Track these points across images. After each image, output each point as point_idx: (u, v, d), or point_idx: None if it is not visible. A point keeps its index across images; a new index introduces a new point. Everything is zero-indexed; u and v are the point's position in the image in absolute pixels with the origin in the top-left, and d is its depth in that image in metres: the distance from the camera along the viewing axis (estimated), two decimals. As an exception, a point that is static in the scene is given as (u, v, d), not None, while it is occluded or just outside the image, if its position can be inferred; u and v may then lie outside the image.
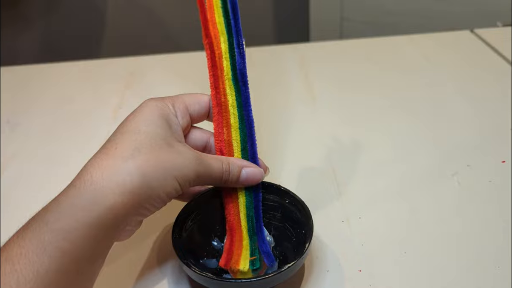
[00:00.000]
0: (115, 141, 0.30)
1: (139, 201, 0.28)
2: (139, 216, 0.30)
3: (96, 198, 0.27)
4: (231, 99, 0.35)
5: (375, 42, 0.74)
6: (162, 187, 0.29)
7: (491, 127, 0.50)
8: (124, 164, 0.28)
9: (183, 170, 0.30)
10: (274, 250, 0.35)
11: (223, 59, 0.35)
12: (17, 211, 0.43)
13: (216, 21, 0.35)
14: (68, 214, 0.26)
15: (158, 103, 0.33)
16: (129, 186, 0.27)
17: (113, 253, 0.37)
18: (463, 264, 0.35)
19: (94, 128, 0.55)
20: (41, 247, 0.25)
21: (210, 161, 0.32)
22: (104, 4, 1.40)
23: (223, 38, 0.35)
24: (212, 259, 0.35)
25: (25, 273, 0.24)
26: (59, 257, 0.25)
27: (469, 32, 0.72)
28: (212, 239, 0.36)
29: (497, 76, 0.60)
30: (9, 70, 0.71)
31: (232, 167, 0.33)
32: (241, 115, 0.35)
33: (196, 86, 0.62)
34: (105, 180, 0.27)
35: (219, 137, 0.35)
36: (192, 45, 1.43)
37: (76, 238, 0.26)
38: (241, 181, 0.34)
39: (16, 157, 0.51)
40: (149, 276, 0.35)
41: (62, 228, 0.26)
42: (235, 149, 0.35)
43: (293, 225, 0.35)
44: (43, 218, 0.26)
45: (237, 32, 0.35)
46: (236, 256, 0.33)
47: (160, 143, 0.30)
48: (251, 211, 0.35)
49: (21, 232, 0.26)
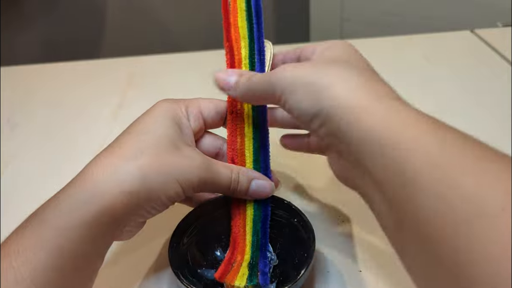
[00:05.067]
0: (121, 140, 0.30)
1: (138, 202, 0.28)
2: (139, 217, 0.29)
3: (94, 196, 0.26)
4: (247, 108, 0.34)
5: (375, 42, 0.74)
6: (163, 190, 0.28)
7: (491, 127, 0.50)
8: (125, 164, 0.28)
9: (187, 174, 0.29)
10: (276, 269, 0.33)
11: (242, 65, 0.34)
12: (17, 211, 0.43)
13: (238, 24, 0.35)
14: (66, 211, 0.26)
15: (171, 105, 0.32)
16: (128, 186, 0.27)
17: (116, 254, 0.37)
18: (463, 264, 0.35)
19: (94, 128, 0.55)
20: (38, 245, 0.25)
21: (218, 168, 0.31)
22: (104, 4, 1.40)
23: (244, 43, 0.35)
24: (211, 270, 0.33)
25: (22, 270, 0.24)
26: (56, 255, 0.25)
27: (469, 32, 0.72)
28: (216, 249, 0.35)
29: (497, 76, 0.60)
30: (9, 70, 0.71)
31: (242, 177, 0.32)
32: (257, 124, 0.34)
33: (196, 86, 0.62)
34: (105, 179, 0.27)
35: (232, 145, 0.34)
36: (192, 45, 1.43)
37: (74, 236, 0.26)
38: (250, 193, 0.32)
39: (16, 157, 0.51)
40: (150, 279, 0.35)
41: (60, 225, 0.26)
42: (247, 159, 0.34)
43: (298, 246, 0.33)
44: (42, 215, 0.26)
45: (259, 37, 0.34)
46: (233, 271, 0.32)
47: (166, 145, 0.29)
48: (258, 225, 0.33)
49: (20, 229, 0.26)
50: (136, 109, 0.32)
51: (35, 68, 0.71)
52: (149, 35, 1.46)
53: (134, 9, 1.41)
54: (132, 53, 0.75)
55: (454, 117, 0.52)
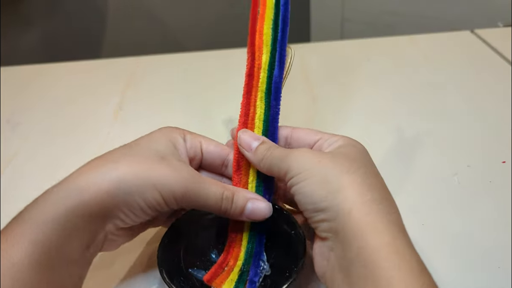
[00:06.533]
0: (112, 150, 0.31)
1: (114, 203, 0.28)
2: (118, 220, 0.29)
3: (71, 193, 0.27)
4: (259, 112, 0.35)
5: (376, 42, 0.74)
6: (140, 195, 0.28)
7: (491, 127, 0.50)
8: (105, 166, 0.28)
9: (168, 182, 0.29)
10: (267, 279, 0.32)
11: (261, 70, 0.35)
12: (17, 211, 0.43)
13: (263, 32, 0.36)
14: (42, 206, 0.27)
15: (171, 129, 0.33)
16: (105, 186, 0.27)
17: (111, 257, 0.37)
18: (463, 264, 0.35)
19: (94, 128, 0.55)
20: (16, 240, 0.25)
21: (208, 185, 0.30)
22: (104, 4, 1.40)
23: (266, 50, 0.35)
24: (203, 271, 0.33)
25: (3, 264, 0.25)
26: (31, 249, 0.25)
27: (469, 32, 0.72)
28: (212, 251, 0.35)
29: (497, 76, 0.60)
30: (9, 70, 0.71)
31: (236, 197, 0.31)
32: (266, 129, 0.34)
33: (196, 86, 0.62)
34: (84, 178, 0.28)
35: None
36: (192, 45, 1.43)
37: (48, 230, 0.26)
38: (245, 214, 0.31)
39: (16, 157, 0.51)
40: (137, 278, 0.35)
41: (36, 220, 0.26)
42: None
43: (291, 258, 0.32)
44: (22, 213, 0.27)
45: (282, 46, 0.35)
46: (223, 275, 0.31)
47: (152, 155, 0.30)
48: (255, 232, 0.33)
49: (4, 228, 0.27)
50: (136, 109, 0.32)
51: (35, 68, 0.71)
52: (149, 35, 1.46)
53: (134, 9, 1.41)
54: (132, 53, 0.75)
55: (454, 117, 0.53)
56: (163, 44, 1.47)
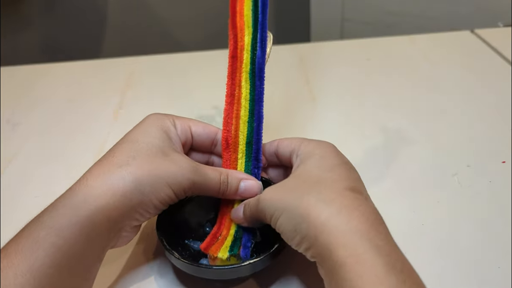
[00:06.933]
0: (114, 150, 0.32)
1: (131, 205, 0.29)
2: (134, 220, 0.31)
3: (87, 198, 0.28)
4: (244, 92, 0.36)
5: (376, 42, 0.74)
6: (154, 193, 0.30)
7: (491, 127, 0.50)
8: (118, 170, 0.29)
9: (177, 177, 0.31)
10: (258, 245, 0.35)
11: (245, 51, 0.36)
12: (17, 211, 0.43)
13: (244, 13, 0.36)
14: (61, 212, 0.28)
15: (159, 116, 0.35)
16: (121, 189, 0.29)
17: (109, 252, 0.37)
18: (463, 264, 0.35)
19: (94, 128, 0.55)
20: (35, 243, 0.26)
21: (207, 171, 0.33)
22: (104, 4, 1.40)
23: (248, 31, 0.36)
24: (198, 241, 0.35)
25: (21, 267, 0.25)
26: (52, 252, 0.26)
27: (470, 32, 0.72)
28: (205, 223, 0.37)
29: (497, 76, 0.60)
30: (9, 70, 0.71)
31: (230, 179, 0.34)
32: (252, 109, 0.36)
33: (196, 86, 0.62)
34: (98, 183, 0.29)
35: (227, 127, 0.36)
36: (192, 45, 1.43)
37: (69, 235, 0.27)
38: (239, 193, 0.34)
39: (16, 157, 0.51)
40: (136, 263, 0.36)
41: (55, 225, 0.27)
42: (241, 141, 0.36)
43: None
44: (39, 218, 0.28)
45: (263, 27, 0.36)
46: (218, 244, 0.34)
47: (155, 152, 0.31)
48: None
49: (20, 232, 0.28)
50: (136, 109, 0.32)
51: (35, 68, 0.71)
52: (149, 35, 1.46)
53: (134, 9, 1.41)
54: (132, 53, 0.75)
55: (454, 117, 0.53)
56: (163, 44, 1.47)
